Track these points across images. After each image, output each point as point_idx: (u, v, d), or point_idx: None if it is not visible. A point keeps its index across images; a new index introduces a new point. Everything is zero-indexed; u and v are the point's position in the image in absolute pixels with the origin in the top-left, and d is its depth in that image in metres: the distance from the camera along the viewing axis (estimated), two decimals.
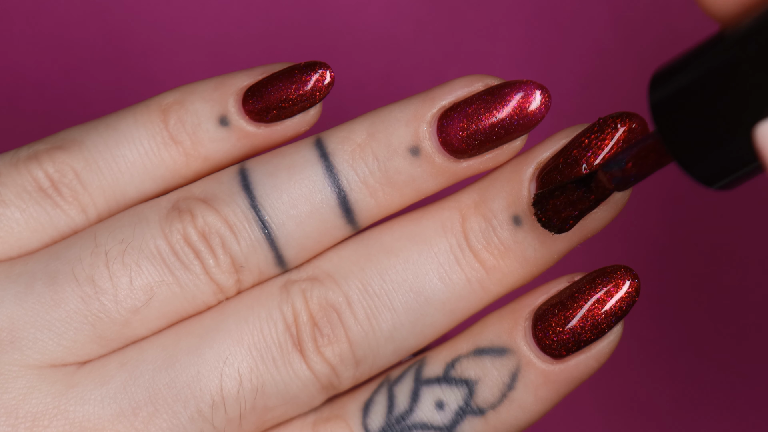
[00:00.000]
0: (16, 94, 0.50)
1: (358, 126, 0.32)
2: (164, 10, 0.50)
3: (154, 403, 0.31)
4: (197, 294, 0.32)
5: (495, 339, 0.32)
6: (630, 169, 0.29)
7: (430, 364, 0.32)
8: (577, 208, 0.30)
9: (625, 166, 0.29)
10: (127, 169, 0.33)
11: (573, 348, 0.31)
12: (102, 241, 0.32)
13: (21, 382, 0.31)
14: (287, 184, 0.32)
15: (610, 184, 0.29)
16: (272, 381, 0.32)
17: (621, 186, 0.29)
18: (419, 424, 0.32)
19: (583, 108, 0.52)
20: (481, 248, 0.32)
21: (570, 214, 0.31)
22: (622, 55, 0.52)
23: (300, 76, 0.33)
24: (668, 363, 0.52)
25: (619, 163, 0.29)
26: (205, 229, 0.32)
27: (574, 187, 0.30)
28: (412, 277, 0.32)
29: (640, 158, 0.28)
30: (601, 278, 0.31)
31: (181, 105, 0.33)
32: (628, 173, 0.29)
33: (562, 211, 0.31)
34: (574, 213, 0.31)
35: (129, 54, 0.50)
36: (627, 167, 0.29)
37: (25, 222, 0.32)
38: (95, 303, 0.31)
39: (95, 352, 0.32)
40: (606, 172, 0.29)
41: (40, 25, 0.50)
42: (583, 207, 0.31)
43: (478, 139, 0.32)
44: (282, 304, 0.32)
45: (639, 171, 0.29)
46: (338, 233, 0.32)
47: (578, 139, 0.31)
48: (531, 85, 0.32)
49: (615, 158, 0.29)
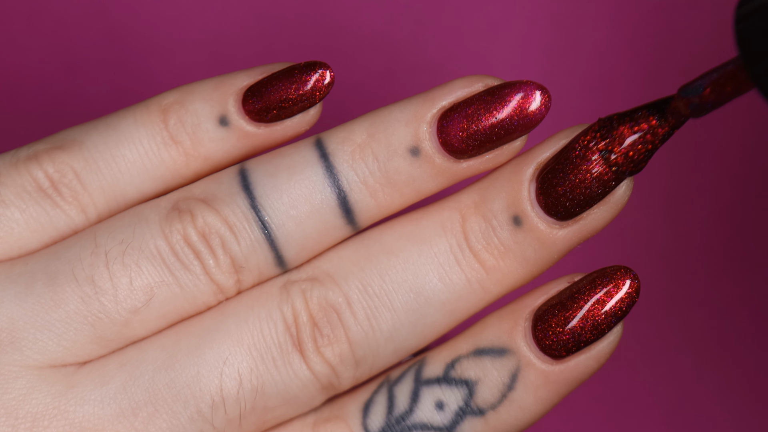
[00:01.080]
0: (17, 94, 0.50)
1: (358, 126, 0.32)
2: (164, 10, 0.50)
3: (154, 404, 0.31)
4: (197, 294, 0.32)
5: (495, 339, 0.32)
6: (708, 96, 0.28)
7: (430, 364, 0.32)
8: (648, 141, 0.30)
9: (702, 92, 0.28)
10: (127, 169, 0.33)
11: (573, 348, 0.31)
12: (102, 241, 0.32)
13: (21, 383, 0.31)
14: (287, 185, 0.32)
15: (686, 110, 0.28)
16: (272, 381, 0.32)
17: (697, 112, 0.28)
18: (419, 424, 0.32)
19: (583, 108, 0.52)
20: (481, 248, 0.32)
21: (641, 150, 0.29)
22: (622, 55, 0.52)
23: (300, 76, 0.33)
24: (668, 363, 0.52)
25: (697, 89, 0.28)
26: (205, 229, 0.32)
27: (646, 114, 0.30)
28: (412, 277, 0.32)
29: (719, 84, 0.28)
30: (600, 279, 0.31)
31: (180, 105, 0.33)
32: (706, 99, 0.28)
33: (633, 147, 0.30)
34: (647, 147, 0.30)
35: (129, 54, 0.50)
36: (705, 93, 0.28)
37: (25, 222, 0.32)
38: (95, 303, 0.31)
39: (95, 353, 0.32)
40: (683, 97, 0.29)
41: (40, 25, 0.50)
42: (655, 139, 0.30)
43: (478, 140, 0.32)
44: (282, 305, 0.32)
45: (717, 98, 0.28)
46: (338, 233, 0.32)
47: (578, 139, 0.31)
48: (531, 85, 0.32)
49: (693, 84, 0.28)
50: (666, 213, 0.52)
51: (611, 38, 0.52)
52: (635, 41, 0.52)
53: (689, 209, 0.53)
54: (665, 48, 0.52)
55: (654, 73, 0.52)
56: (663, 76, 0.52)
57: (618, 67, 0.52)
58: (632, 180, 0.31)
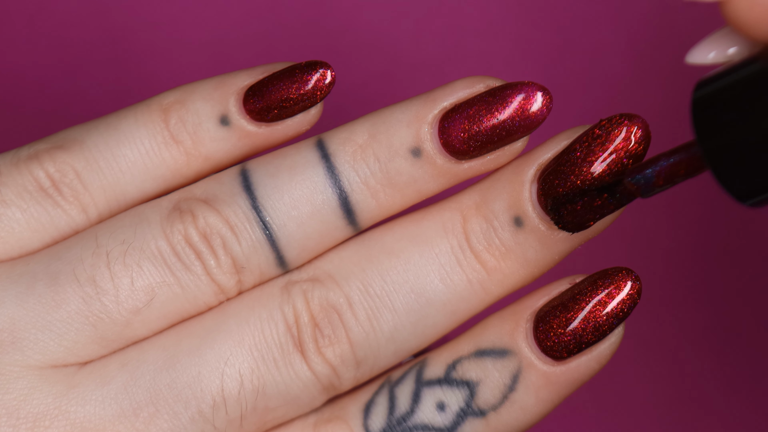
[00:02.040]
0: (17, 94, 0.50)
1: (359, 127, 0.32)
2: (164, 10, 0.50)
3: (155, 404, 0.31)
4: (198, 295, 0.32)
5: (496, 340, 0.32)
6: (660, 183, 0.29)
7: (431, 365, 0.32)
8: (597, 212, 0.30)
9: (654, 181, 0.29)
10: (127, 168, 0.33)
11: (574, 350, 0.31)
12: (103, 241, 0.32)
13: (22, 383, 0.31)
14: (288, 185, 0.32)
15: (637, 193, 0.29)
16: (273, 382, 0.32)
17: (647, 194, 0.29)
18: (420, 425, 0.32)
19: (584, 109, 0.52)
20: (482, 249, 0.32)
21: (591, 217, 0.31)
22: (622, 56, 0.52)
23: (301, 76, 0.33)
24: (668, 363, 0.52)
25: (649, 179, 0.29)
26: (206, 229, 0.32)
27: (596, 194, 0.30)
28: (413, 278, 0.32)
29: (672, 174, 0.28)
30: (602, 280, 0.31)
31: (181, 104, 0.33)
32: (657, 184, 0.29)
33: (581, 215, 0.30)
34: (595, 216, 0.31)
35: (129, 54, 0.50)
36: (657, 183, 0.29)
37: (26, 222, 0.32)
38: (96, 304, 0.31)
39: (96, 353, 0.32)
40: (632, 182, 0.29)
41: (40, 25, 0.50)
42: (604, 212, 0.30)
43: (479, 141, 0.32)
44: (283, 305, 0.32)
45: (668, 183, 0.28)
46: (339, 234, 0.32)
47: (579, 140, 0.31)
48: (532, 86, 0.32)
49: (643, 172, 0.29)
50: (667, 213, 0.52)
51: (611, 38, 0.52)
52: (635, 41, 0.52)
53: (689, 209, 0.53)
54: (665, 48, 0.52)
55: (654, 73, 0.52)
56: (663, 76, 0.52)
57: (618, 67, 0.52)
58: None
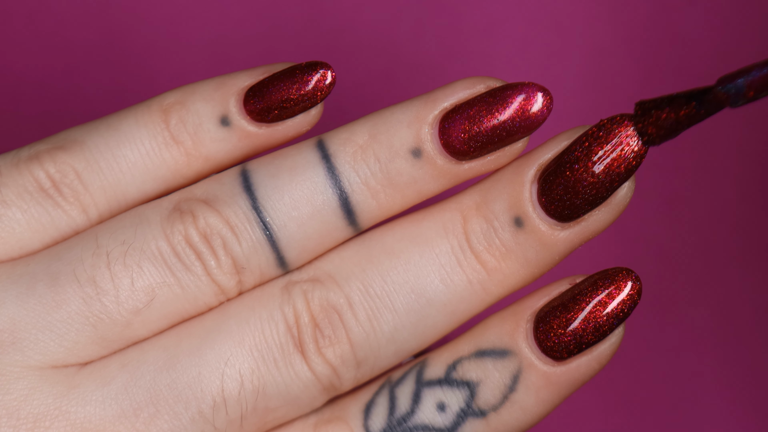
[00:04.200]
0: (17, 94, 0.50)
1: (359, 127, 0.32)
2: (164, 10, 0.50)
3: (156, 404, 0.31)
4: (198, 295, 0.32)
5: (496, 341, 0.32)
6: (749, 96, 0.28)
7: (432, 365, 0.32)
8: (684, 122, 0.29)
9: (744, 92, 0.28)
10: (128, 169, 0.33)
11: (574, 350, 0.31)
12: (103, 242, 0.32)
13: (22, 383, 0.31)
14: (289, 186, 0.32)
15: (726, 102, 0.29)
16: (273, 382, 0.32)
17: (736, 104, 0.29)
18: (420, 425, 0.32)
19: (584, 108, 0.52)
20: (483, 250, 0.32)
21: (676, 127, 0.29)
22: (622, 55, 0.52)
23: (301, 76, 0.33)
24: (668, 363, 0.52)
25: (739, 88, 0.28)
26: (206, 230, 0.32)
27: (683, 101, 0.30)
28: (414, 278, 0.32)
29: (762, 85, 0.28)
30: (602, 280, 0.31)
31: (182, 105, 0.33)
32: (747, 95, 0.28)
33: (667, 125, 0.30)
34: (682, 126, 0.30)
35: (129, 54, 0.50)
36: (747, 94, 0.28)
37: (26, 222, 0.32)
38: (97, 304, 0.31)
39: (96, 353, 0.32)
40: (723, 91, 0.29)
41: (40, 25, 0.50)
42: (692, 121, 0.30)
43: (479, 141, 0.32)
44: (283, 305, 0.32)
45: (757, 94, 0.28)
46: (340, 235, 0.32)
47: (580, 140, 0.31)
48: (533, 87, 0.32)
49: (734, 81, 0.28)
50: (667, 214, 0.52)
51: (611, 38, 0.52)
52: (634, 41, 0.52)
53: (689, 209, 0.53)
54: (665, 48, 0.52)
55: (653, 73, 0.52)
56: (662, 76, 0.52)
57: (617, 67, 0.52)
58: (634, 182, 0.31)
